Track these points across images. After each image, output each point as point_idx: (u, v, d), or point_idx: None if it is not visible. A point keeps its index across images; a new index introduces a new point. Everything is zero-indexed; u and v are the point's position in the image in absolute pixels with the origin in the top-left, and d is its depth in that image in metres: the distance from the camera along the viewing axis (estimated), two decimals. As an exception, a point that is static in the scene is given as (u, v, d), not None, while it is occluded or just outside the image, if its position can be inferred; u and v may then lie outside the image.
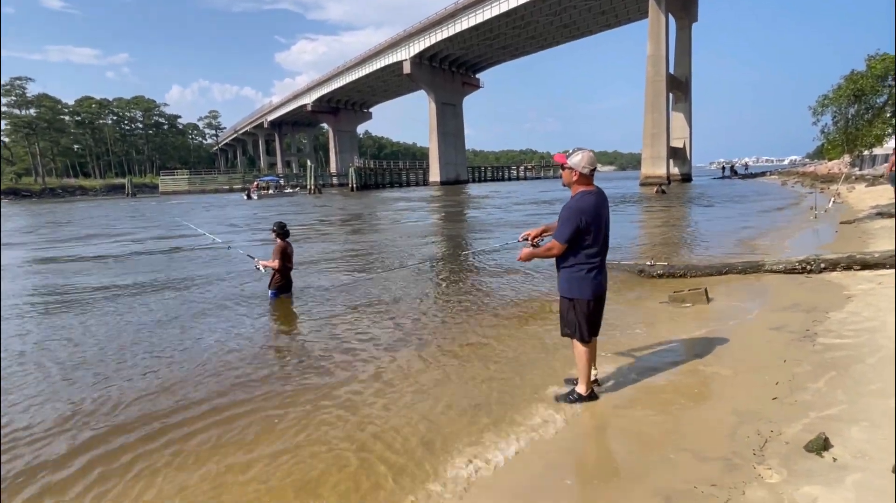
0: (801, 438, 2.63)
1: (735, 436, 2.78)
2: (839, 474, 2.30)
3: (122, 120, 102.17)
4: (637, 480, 2.47)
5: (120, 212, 33.37)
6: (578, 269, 3.22)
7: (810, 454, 2.49)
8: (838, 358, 3.73)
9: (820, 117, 10.47)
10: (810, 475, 2.33)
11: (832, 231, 10.86)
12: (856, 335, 4.16)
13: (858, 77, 9.67)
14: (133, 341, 5.16)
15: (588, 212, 3.15)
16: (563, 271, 3.29)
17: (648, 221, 16.78)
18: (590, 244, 3.19)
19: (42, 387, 4.02)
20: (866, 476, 2.27)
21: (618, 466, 2.67)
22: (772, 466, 2.44)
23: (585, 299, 3.24)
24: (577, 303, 3.25)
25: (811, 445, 2.53)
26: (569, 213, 3.16)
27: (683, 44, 50.99)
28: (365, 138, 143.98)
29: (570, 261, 3.23)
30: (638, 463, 2.63)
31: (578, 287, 3.23)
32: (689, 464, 2.54)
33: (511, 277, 7.70)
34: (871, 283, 5.78)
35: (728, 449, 2.64)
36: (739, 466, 2.47)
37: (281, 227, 6.79)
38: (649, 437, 2.87)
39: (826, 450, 2.49)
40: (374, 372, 4.12)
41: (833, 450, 2.49)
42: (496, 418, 3.22)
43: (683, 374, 3.72)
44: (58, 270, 10.40)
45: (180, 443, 3.06)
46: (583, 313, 3.24)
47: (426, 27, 62.98)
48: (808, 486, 2.24)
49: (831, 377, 3.40)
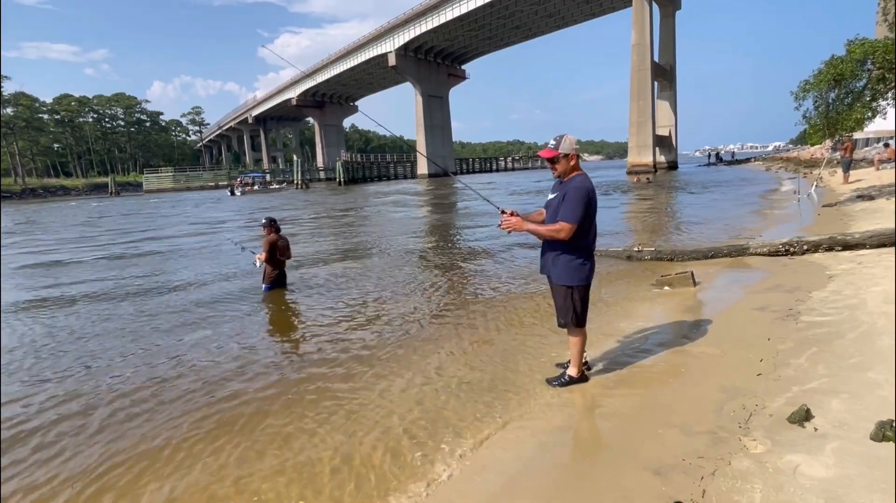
0: (785, 411, 2.73)
1: (721, 411, 2.87)
2: (820, 443, 2.40)
3: (102, 118, 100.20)
4: (627, 456, 2.55)
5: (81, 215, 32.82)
6: (578, 256, 3.17)
7: (793, 425, 2.59)
8: (820, 334, 3.84)
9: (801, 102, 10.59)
10: (793, 444, 2.42)
11: (814, 214, 11.07)
12: (837, 312, 4.29)
13: (839, 62, 9.76)
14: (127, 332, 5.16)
15: (593, 192, 3.13)
16: (561, 258, 3.19)
17: (637, 207, 16.92)
18: (588, 228, 3.15)
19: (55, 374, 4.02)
20: (845, 444, 2.37)
21: (608, 443, 2.75)
22: (756, 438, 2.53)
23: (582, 285, 3.24)
24: (575, 290, 3.23)
25: (794, 417, 2.63)
26: (578, 193, 3.05)
27: (667, 32, 51.22)
28: (351, 132, 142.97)
29: (571, 246, 3.15)
30: (628, 439, 2.71)
31: (577, 274, 3.19)
32: (678, 439, 2.62)
33: (497, 264, 7.78)
34: (851, 263, 5.93)
35: (714, 423, 2.74)
36: (726, 439, 2.56)
37: (271, 221, 6.78)
38: (638, 415, 2.96)
39: (808, 421, 2.59)
40: (367, 362, 4.16)
41: (814, 421, 2.59)
42: (489, 401, 3.29)
43: (671, 355, 3.82)
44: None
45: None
46: (580, 300, 3.25)
47: (410, 18, 62.45)
48: (791, 455, 2.33)
49: (813, 353, 3.51)
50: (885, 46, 9.92)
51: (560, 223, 3.06)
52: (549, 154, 3.14)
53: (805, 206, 12.77)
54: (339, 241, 12.46)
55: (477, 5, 55.33)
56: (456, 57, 76.30)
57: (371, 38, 68.80)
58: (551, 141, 3.17)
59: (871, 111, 10.43)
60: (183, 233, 16.25)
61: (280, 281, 6.83)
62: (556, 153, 3.12)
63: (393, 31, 65.33)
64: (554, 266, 3.25)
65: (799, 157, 38.25)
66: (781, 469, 2.24)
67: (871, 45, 10.06)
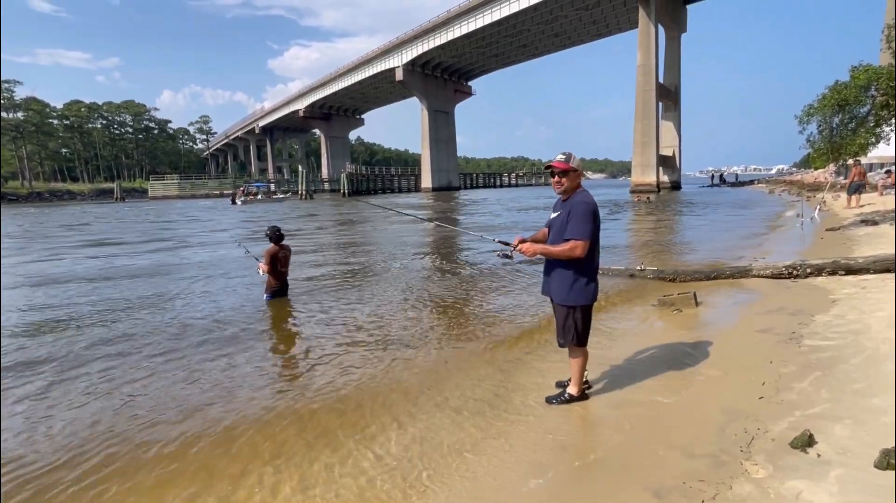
0: (787, 435, 2.69)
1: (723, 433, 2.83)
2: (823, 469, 2.36)
3: (111, 124, 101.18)
4: (627, 476, 2.51)
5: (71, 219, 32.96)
6: (581, 277, 3.14)
7: (795, 450, 2.55)
8: (823, 359, 3.81)
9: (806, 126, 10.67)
10: (795, 470, 2.38)
11: (818, 238, 11.04)
12: (840, 337, 4.25)
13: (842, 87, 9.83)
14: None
15: (597, 209, 3.14)
16: (564, 277, 3.16)
17: (640, 226, 16.92)
18: (593, 246, 3.12)
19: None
20: (849, 471, 2.33)
21: (608, 463, 2.71)
22: (758, 462, 2.49)
23: (584, 306, 3.22)
24: (577, 310, 3.20)
25: (796, 442, 2.59)
26: (586, 209, 3.05)
27: (673, 54, 51.70)
28: (357, 144, 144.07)
29: (574, 266, 3.12)
30: (628, 459, 2.67)
31: (580, 295, 3.16)
32: (678, 461, 2.59)
33: (499, 281, 7.76)
34: (855, 288, 5.90)
35: (716, 446, 2.70)
36: (727, 462, 2.53)
37: (273, 231, 6.78)
38: (639, 435, 2.92)
39: (810, 447, 2.56)
40: (364, 373, 4.14)
41: (817, 447, 2.56)
42: (489, 418, 3.26)
43: (672, 375, 3.78)
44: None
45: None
46: (581, 319, 3.23)
47: (419, 34, 63.29)
48: (793, 481, 2.30)
49: (816, 377, 3.47)
50: (888, 73, 9.99)
51: (572, 241, 3.04)
52: (563, 166, 3.13)
53: (808, 230, 12.75)
54: (339, 252, 12.48)
55: (485, 23, 56.07)
56: (462, 73, 77.14)
57: (379, 53, 69.69)
58: (560, 155, 3.17)
59: (875, 136, 10.47)
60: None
61: (280, 291, 6.82)
62: (569, 167, 3.13)
63: (401, 46, 66.17)
64: (556, 286, 3.24)
65: (802, 180, 38.28)
66: (784, 495, 2.21)
67: (875, 72, 10.14)
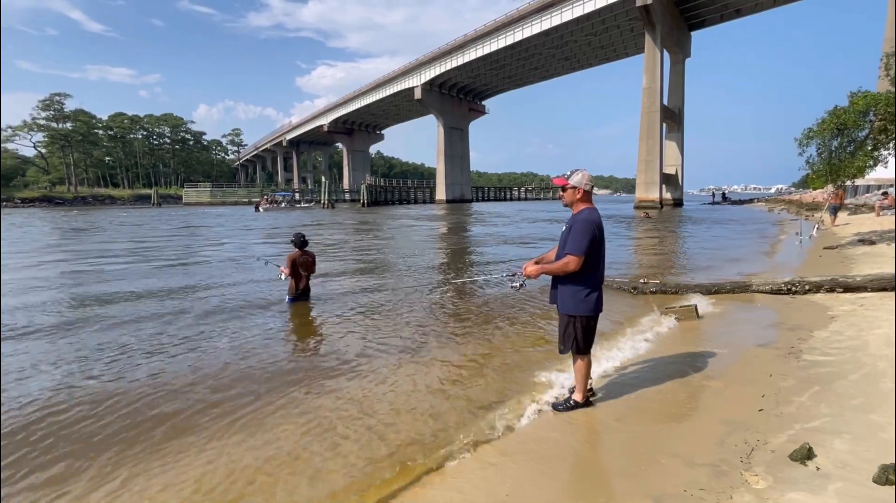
0: (786, 448, 2.62)
1: (723, 444, 2.77)
2: (822, 482, 2.29)
3: (151, 135, 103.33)
4: (629, 483, 2.46)
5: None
6: (584, 288, 3.14)
7: (795, 463, 2.48)
8: (822, 374, 3.71)
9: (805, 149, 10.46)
10: (794, 482, 2.32)
11: (816, 255, 10.82)
12: (839, 353, 4.15)
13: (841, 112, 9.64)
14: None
15: (599, 225, 3.15)
16: (566, 288, 3.19)
17: (643, 241, 16.76)
18: (595, 260, 3.14)
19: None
20: (847, 485, 2.26)
21: (611, 469, 2.66)
22: (758, 473, 2.43)
23: (587, 316, 3.21)
24: (578, 320, 3.20)
25: (795, 454, 2.52)
26: (584, 226, 3.09)
27: (677, 77, 51.49)
28: (376, 158, 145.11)
29: (577, 278, 3.14)
30: (630, 466, 2.62)
31: (581, 305, 3.16)
32: (680, 469, 2.53)
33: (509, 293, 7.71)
34: (853, 305, 5.76)
35: (716, 456, 2.64)
36: (727, 473, 2.46)
37: (298, 237, 6.84)
38: (641, 443, 2.86)
39: (810, 460, 2.48)
40: (378, 374, 4.12)
41: (816, 460, 2.48)
42: (492, 422, 3.22)
43: (674, 385, 3.71)
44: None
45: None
46: (582, 328, 3.21)
47: (437, 56, 63.88)
48: (793, 493, 2.23)
49: (815, 391, 3.38)
50: (886, 99, 9.82)
51: (567, 257, 3.10)
52: (561, 182, 3.25)
53: (806, 247, 12.51)
54: (358, 255, 12.53)
55: (500, 46, 56.43)
56: (477, 93, 77.57)
57: (400, 73, 70.45)
58: (567, 172, 3.27)
59: (873, 160, 10.27)
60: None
61: (303, 295, 6.85)
62: (566, 182, 3.22)
63: (420, 67, 66.84)
64: (560, 295, 3.25)
65: (801, 199, 37.69)
66: (783, 506, 2.14)
67: (873, 98, 9.97)
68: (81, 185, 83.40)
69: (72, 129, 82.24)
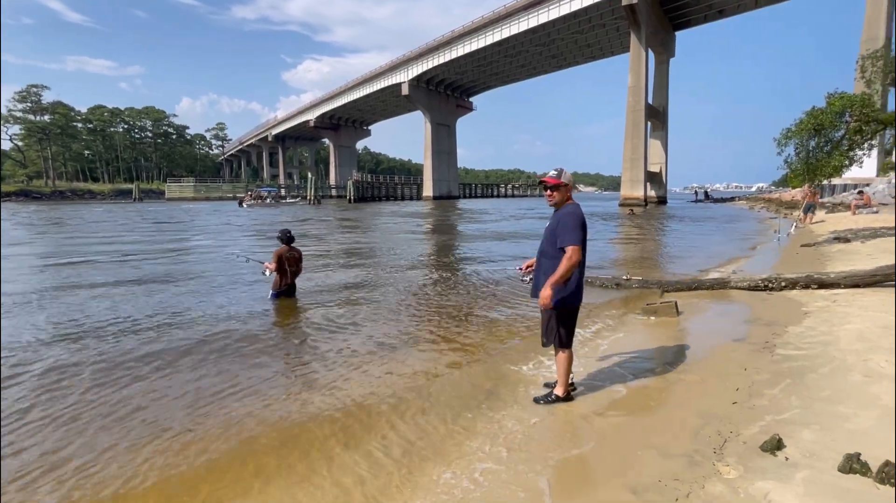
0: (758, 439, 2.70)
1: (698, 435, 2.84)
2: (790, 471, 2.37)
3: (132, 128, 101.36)
4: (606, 473, 2.52)
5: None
6: (567, 280, 3.18)
7: (765, 453, 2.56)
8: (794, 367, 3.82)
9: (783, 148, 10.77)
10: (764, 472, 2.39)
11: (793, 253, 11.08)
12: (811, 347, 4.27)
13: (819, 113, 9.94)
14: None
15: (585, 219, 3.21)
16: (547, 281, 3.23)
17: (627, 238, 16.98)
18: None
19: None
20: (814, 473, 2.34)
21: (589, 461, 2.71)
22: (730, 463, 2.50)
23: (568, 308, 3.26)
24: (560, 312, 3.25)
25: (766, 445, 2.60)
26: (575, 220, 3.14)
27: (661, 77, 52.10)
28: (363, 154, 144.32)
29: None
30: (608, 457, 2.68)
31: (562, 292, 3.19)
32: (655, 460, 2.60)
33: (495, 289, 7.77)
34: (826, 301, 5.92)
35: (691, 447, 2.71)
36: (701, 463, 2.53)
37: (284, 233, 6.80)
38: (619, 435, 2.93)
39: (779, 450, 2.57)
40: (359, 367, 4.14)
41: (786, 450, 2.57)
42: (475, 416, 3.26)
43: (653, 380, 3.79)
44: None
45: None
46: (564, 321, 3.27)
47: (424, 52, 63.69)
48: (762, 482, 2.31)
49: (787, 384, 3.49)
50: (862, 101, 10.10)
51: (568, 250, 3.09)
52: (554, 181, 3.22)
53: (784, 244, 12.80)
54: (344, 251, 12.48)
55: (487, 43, 56.48)
56: (464, 89, 77.55)
57: (387, 69, 70.09)
58: (553, 171, 3.26)
59: (849, 159, 10.57)
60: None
61: (288, 291, 6.81)
62: (560, 182, 3.23)
63: (408, 62, 66.56)
64: (540, 289, 3.26)
65: (780, 198, 38.49)
66: (753, 495, 2.21)
67: (849, 99, 10.25)
68: (60, 179, 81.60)
69: (49, 121, 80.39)
